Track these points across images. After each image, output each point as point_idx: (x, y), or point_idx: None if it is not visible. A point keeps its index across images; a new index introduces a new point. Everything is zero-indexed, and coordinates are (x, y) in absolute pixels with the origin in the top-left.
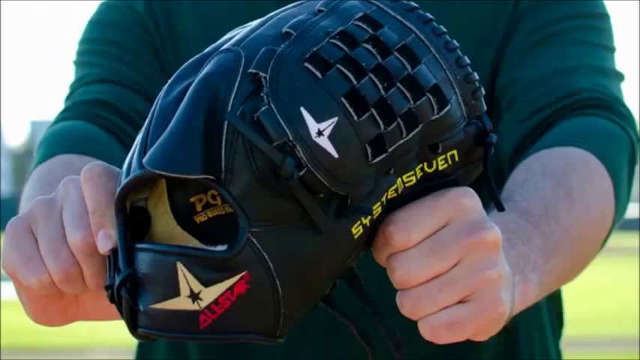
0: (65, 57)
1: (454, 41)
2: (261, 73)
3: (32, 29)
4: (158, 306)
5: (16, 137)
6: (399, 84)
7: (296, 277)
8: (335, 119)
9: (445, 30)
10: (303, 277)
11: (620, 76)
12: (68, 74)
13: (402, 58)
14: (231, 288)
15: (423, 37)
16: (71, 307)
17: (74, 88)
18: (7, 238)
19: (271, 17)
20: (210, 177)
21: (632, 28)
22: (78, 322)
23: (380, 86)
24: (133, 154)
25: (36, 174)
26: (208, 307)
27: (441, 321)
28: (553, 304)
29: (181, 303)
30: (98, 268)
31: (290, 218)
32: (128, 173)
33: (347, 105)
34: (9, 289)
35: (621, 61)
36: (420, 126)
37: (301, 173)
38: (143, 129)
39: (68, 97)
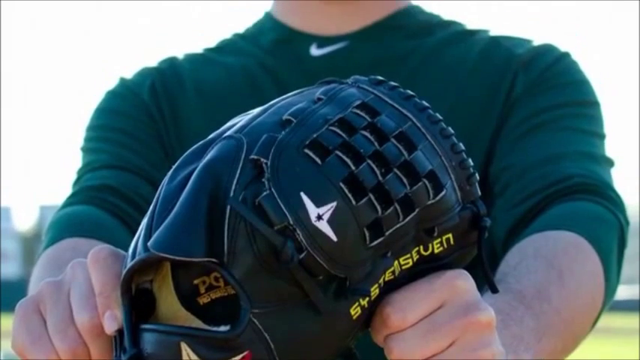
0: (73, 144)
1: (449, 128)
2: (262, 160)
3: (41, 120)
4: None
5: (26, 221)
6: (396, 170)
7: (296, 356)
8: (334, 204)
9: (441, 117)
10: (303, 356)
11: (609, 162)
12: (76, 161)
13: (398, 145)
14: None
15: (419, 125)
16: None
17: (81, 173)
18: (17, 318)
19: (272, 105)
20: (213, 260)
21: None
22: None
23: (377, 172)
24: (139, 237)
25: (44, 257)
26: None
27: None
28: None
29: None
30: (105, 348)
31: (290, 299)
32: (134, 256)
33: (346, 190)
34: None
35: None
36: (417, 210)
37: (301, 256)
38: (148, 213)
39: (75, 183)
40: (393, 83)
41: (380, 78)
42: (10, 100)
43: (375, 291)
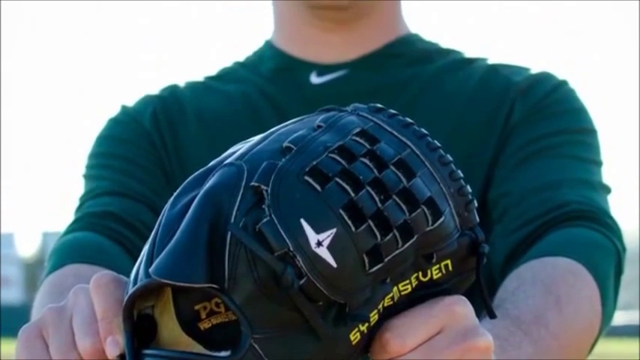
0: (75, 171)
1: (448, 156)
2: (262, 186)
3: (44, 146)
4: None
5: (28, 247)
6: (395, 196)
7: None
8: (334, 230)
9: (439, 145)
10: None
11: (606, 189)
12: (78, 188)
13: (397, 172)
14: None
15: (418, 152)
16: None
17: (83, 200)
18: (20, 343)
19: (273, 132)
20: (214, 286)
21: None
22: None
23: (377, 198)
24: (140, 263)
25: (47, 283)
26: None
27: None
28: None
29: None
30: None
31: (290, 325)
32: (135, 282)
33: (345, 217)
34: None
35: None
36: (415, 237)
37: (301, 282)
38: (150, 240)
39: (78, 209)
40: (392, 111)
41: (379, 106)
42: (13, 128)
43: (374, 316)
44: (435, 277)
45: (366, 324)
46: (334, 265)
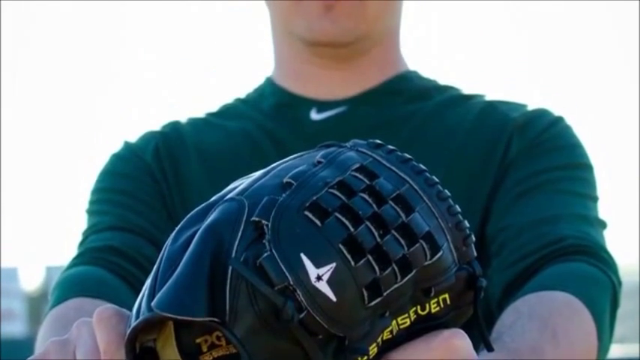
0: (78, 207)
1: (446, 191)
2: (263, 221)
3: (48, 182)
4: None
5: (32, 281)
6: (393, 231)
7: None
8: (333, 265)
9: (437, 180)
10: None
11: (602, 224)
12: (81, 222)
13: (396, 207)
14: None
15: (416, 187)
16: None
17: (86, 235)
18: None
19: (273, 168)
20: (215, 319)
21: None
22: None
23: (376, 233)
24: (143, 297)
25: (50, 316)
26: None
27: None
28: None
29: None
30: None
31: (290, 358)
32: (138, 316)
33: (345, 251)
34: None
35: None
36: (414, 271)
37: (301, 316)
38: (152, 274)
39: (80, 244)
40: (390, 147)
41: (378, 142)
42: (16, 161)
43: (373, 350)
44: (433, 310)
45: (365, 357)
46: (334, 298)
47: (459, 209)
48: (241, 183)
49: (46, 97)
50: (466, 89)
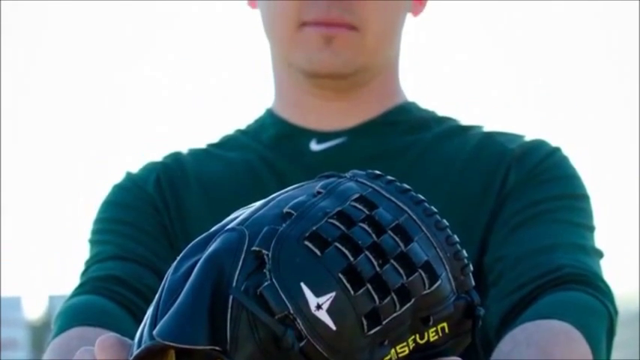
0: (81, 236)
1: (444, 221)
2: (263, 251)
3: (51, 212)
4: None
5: (35, 310)
6: (392, 261)
7: None
8: (333, 294)
9: (436, 210)
10: None
11: (599, 254)
12: (84, 252)
13: (395, 237)
14: None
15: (415, 217)
16: None
17: (89, 265)
18: None
19: (273, 198)
20: (217, 348)
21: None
22: None
23: (375, 263)
24: (144, 326)
25: (53, 345)
26: None
27: None
28: None
29: None
30: None
31: None
32: (140, 344)
33: (344, 280)
34: None
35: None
36: (413, 300)
37: (301, 344)
38: (154, 303)
39: (83, 274)
40: (390, 177)
41: (377, 172)
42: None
43: None
44: (431, 339)
45: None
46: (333, 327)
47: (457, 239)
48: (242, 213)
49: (49, 129)
50: (464, 120)
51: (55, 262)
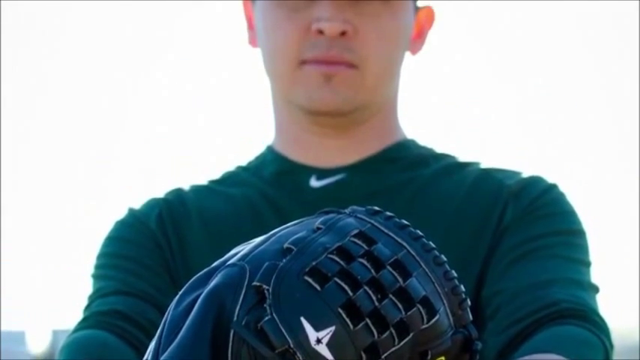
0: (84, 272)
1: (442, 256)
2: (264, 286)
3: (55, 248)
4: None
5: (39, 344)
6: (391, 295)
7: None
8: (333, 328)
9: (434, 246)
10: None
11: (595, 289)
12: (87, 287)
13: (394, 272)
14: None
15: (413, 253)
16: None
17: (92, 299)
18: None
19: (274, 234)
20: None
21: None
22: None
23: (374, 297)
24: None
25: None
26: None
27: None
28: None
29: None
30: None
31: None
32: None
33: (344, 315)
34: None
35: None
36: (411, 334)
37: None
38: (156, 337)
39: (86, 308)
40: (388, 213)
41: (376, 208)
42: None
43: None
44: None
45: None
46: None
47: (455, 274)
48: (243, 248)
49: (50, 169)
50: (462, 157)
51: (58, 297)
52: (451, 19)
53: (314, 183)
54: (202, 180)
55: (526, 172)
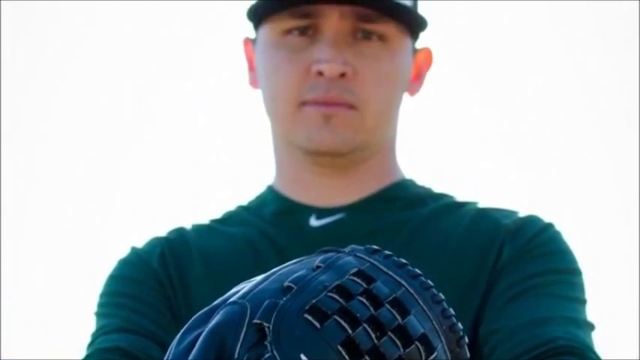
0: (86, 311)
1: (440, 294)
2: (264, 324)
3: (58, 291)
4: None
5: None
6: (390, 333)
7: None
8: None
9: (432, 284)
10: None
11: (590, 326)
12: (89, 325)
13: (392, 310)
14: None
15: (412, 291)
16: None
17: (95, 337)
18: None
19: (274, 272)
20: None
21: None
22: None
23: (373, 335)
24: None
25: None
26: None
27: None
28: None
29: None
30: None
31: None
32: None
33: (343, 352)
34: None
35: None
36: None
37: None
38: None
39: (89, 346)
40: (387, 252)
41: (375, 247)
42: (22, 269)
43: None
44: None
45: None
46: None
47: (452, 312)
48: (243, 287)
49: (51, 212)
50: (460, 196)
51: (60, 334)
52: (450, 61)
53: (314, 222)
54: (204, 219)
55: (523, 212)
